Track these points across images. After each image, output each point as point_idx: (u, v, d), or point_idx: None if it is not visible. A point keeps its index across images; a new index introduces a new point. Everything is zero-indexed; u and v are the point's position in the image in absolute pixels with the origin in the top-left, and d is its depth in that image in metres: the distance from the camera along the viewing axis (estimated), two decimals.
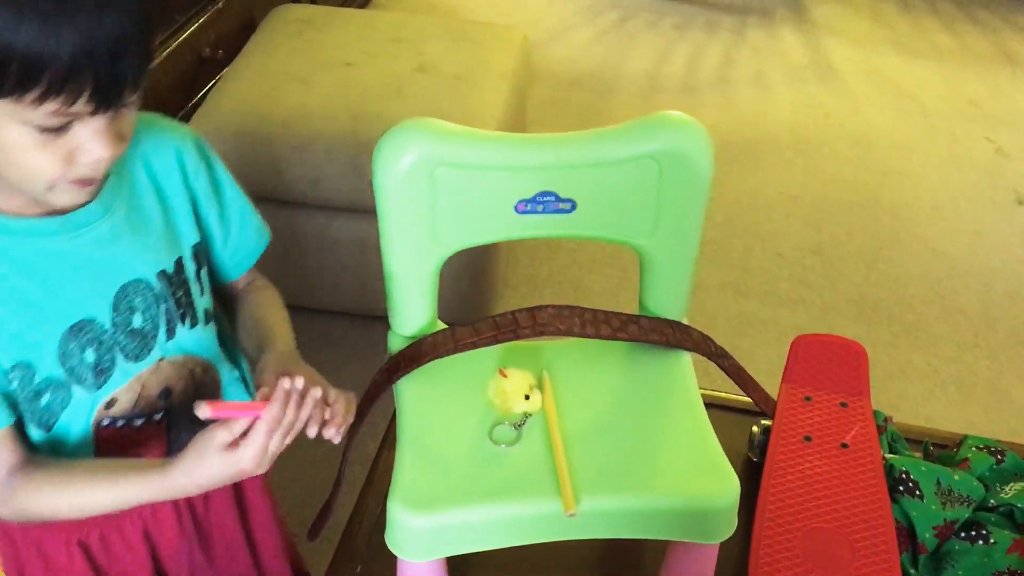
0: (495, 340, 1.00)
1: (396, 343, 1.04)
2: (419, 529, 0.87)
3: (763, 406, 1.22)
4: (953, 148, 2.63)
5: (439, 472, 0.91)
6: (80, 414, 0.89)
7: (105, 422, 0.91)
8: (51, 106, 0.71)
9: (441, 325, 1.06)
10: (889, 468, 1.14)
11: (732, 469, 0.93)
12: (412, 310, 1.03)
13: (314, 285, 2.00)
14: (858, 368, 1.24)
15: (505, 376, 0.97)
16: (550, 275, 2.15)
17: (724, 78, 2.91)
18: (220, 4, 2.01)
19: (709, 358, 1.09)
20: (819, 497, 1.07)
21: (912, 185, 2.51)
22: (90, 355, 0.87)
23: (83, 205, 0.84)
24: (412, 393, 0.99)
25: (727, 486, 0.91)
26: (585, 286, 2.08)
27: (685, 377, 1.02)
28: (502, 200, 0.96)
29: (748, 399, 1.18)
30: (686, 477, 0.91)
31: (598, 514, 0.89)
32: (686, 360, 1.05)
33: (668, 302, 1.06)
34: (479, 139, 0.94)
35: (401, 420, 0.97)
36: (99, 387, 0.89)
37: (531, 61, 2.85)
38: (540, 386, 0.98)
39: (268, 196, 1.89)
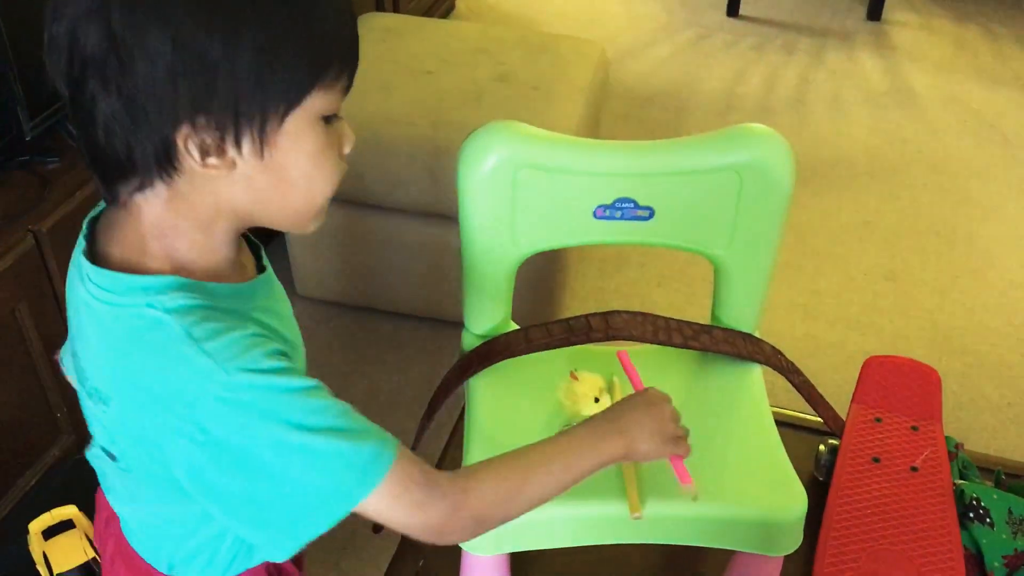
0: (567, 342, 1.01)
1: (470, 341, 1.06)
2: None
3: (832, 425, 1.21)
4: None
5: None
6: None
7: None
8: (344, 79, 0.71)
9: (514, 326, 1.08)
10: (959, 494, 1.13)
11: (800, 484, 0.93)
12: (487, 309, 1.05)
13: (385, 286, 2.03)
14: (931, 392, 1.23)
15: (576, 378, 0.98)
16: (617, 288, 2.15)
17: (800, 100, 2.89)
18: None
19: (780, 372, 1.09)
20: (886, 519, 1.06)
21: (990, 215, 2.47)
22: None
23: None
24: (483, 390, 1.01)
25: (795, 500, 0.91)
26: (652, 300, 2.09)
27: (755, 390, 1.03)
28: (581, 204, 0.97)
29: (815, 417, 1.18)
30: (754, 488, 0.91)
31: (663, 519, 0.90)
32: (757, 373, 1.05)
33: (741, 314, 1.06)
34: (562, 143, 0.96)
35: (471, 415, 0.99)
36: None
37: (608, 76, 2.87)
38: (610, 390, 0.99)
39: (347, 199, 1.93)
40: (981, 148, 2.71)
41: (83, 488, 1.34)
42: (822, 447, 1.24)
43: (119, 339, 0.70)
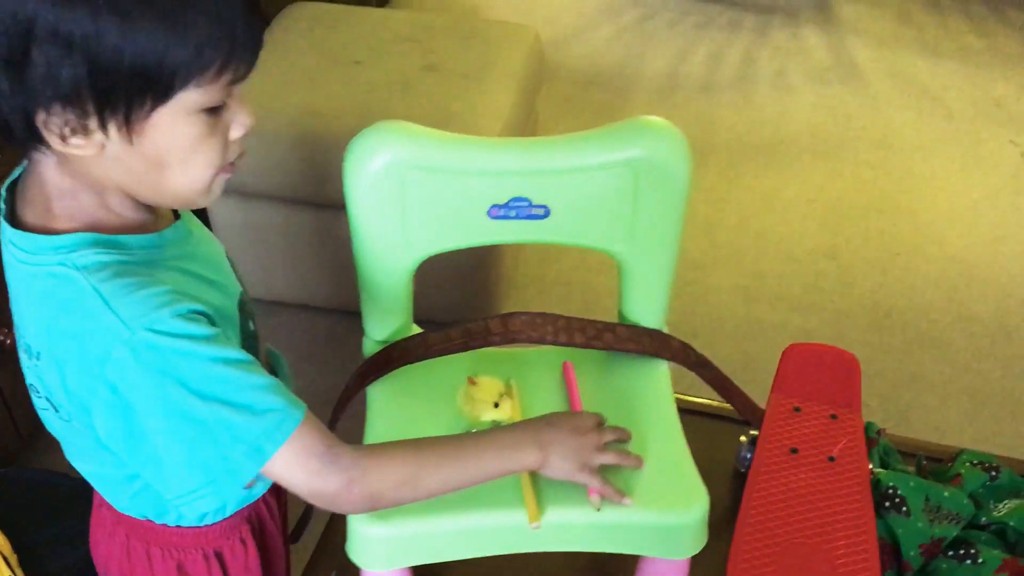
0: (467, 346, 0.99)
1: (370, 348, 1.04)
2: (378, 539, 0.87)
3: (749, 416, 1.20)
4: (977, 151, 2.58)
5: None
6: None
7: None
8: (227, 76, 0.70)
9: (417, 330, 1.05)
10: (876, 483, 1.12)
11: (702, 484, 0.91)
12: (386, 314, 1.02)
13: (322, 282, 2.00)
14: (850, 379, 1.21)
15: (474, 383, 0.96)
16: (558, 276, 2.13)
17: (744, 77, 2.87)
18: None
19: (689, 368, 1.07)
20: (803, 511, 1.05)
21: (932, 189, 2.47)
22: (251, 325, 0.87)
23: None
24: (382, 399, 0.98)
25: (696, 501, 0.89)
26: (594, 287, 2.07)
27: (661, 387, 1.01)
28: (475, 205, 0.94)
29: (750, 402, 1.17)
30: (654, 491, 0.89)
31: (563, 527, 0.88)
32: (663, 370, 1.03)
33: (647, 310, 1.04)
34: (451, 143, 0.93)
35: (369, 425, 0.96)
36: (258, 359, 0.85)
37: (547, 59, 2.83)
38: (509, 394, 0.97)
39: (272, 194, 1.89)
40: (924, 122, 2.71)
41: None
42: (743, 438, 1.22)
43: (38, 298, 0.72)
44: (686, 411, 1.29)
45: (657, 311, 1.05)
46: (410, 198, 0.93)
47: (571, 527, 0.89)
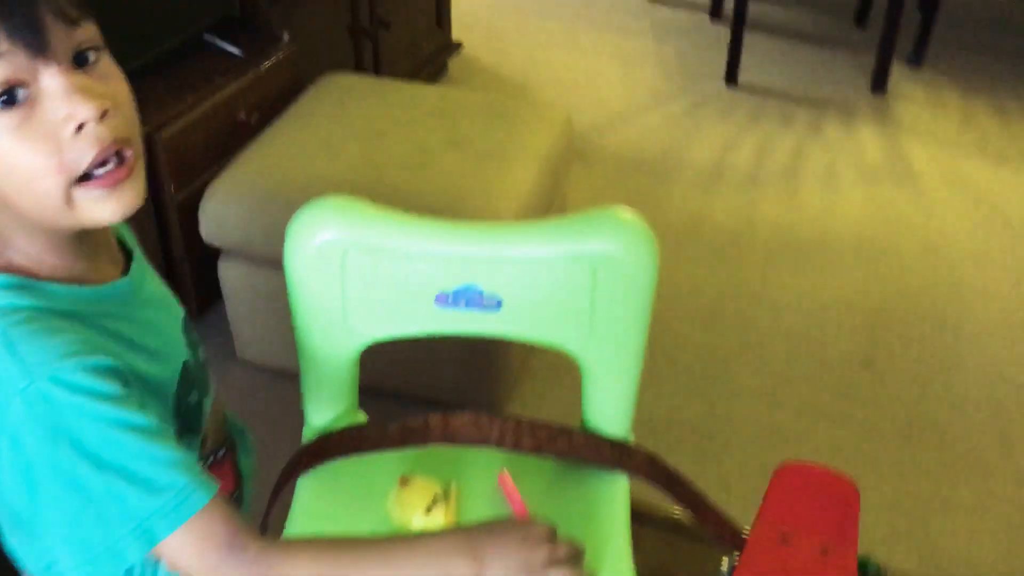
0: (403, 443, 0.91)
1: (309, 435, 0.97)
2: None
3: (730, 541, 1.10)
4: None
5: None
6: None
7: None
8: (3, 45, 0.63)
9: (362, 416, 0.99)
10: None
11: None
12: (326, 401, 0.96)
13: None
14: (847, 510, 1.10)
15: (406, 485, 0.88)
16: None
17: (792, 172, 2.78)
18: (261, 70, 2.02)
19: (655, 485, 0.98)
20: None
21: (984, 301, 2.33)
22: (193, 396, 0.82)
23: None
24: (308, 493, 0.92)
25: None
26: None
27: (615, 506, 0.92)
28: (420, 291, 0.88)
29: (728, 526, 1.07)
30: None
31: None
32: (622, 485, 0.94)
33: (609, 417, 0.96)
34: (396, 223, 0.87)
35: (289, 524, 0.89)
36: (198, 431, 0.83)
37: (588, 144, 2.79)
38: (447, 498, 0.89)
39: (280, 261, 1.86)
40: (980, 230, 2.58)
41: None
42: (724, 562, 1.12)
43: None
44: (663, 524, 1.19)
45: (621, 418, 0.96)
46: (352, 279, 0.88)
47: None
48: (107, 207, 0.71)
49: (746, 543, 1.06)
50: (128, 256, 0.81)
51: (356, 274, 0.88)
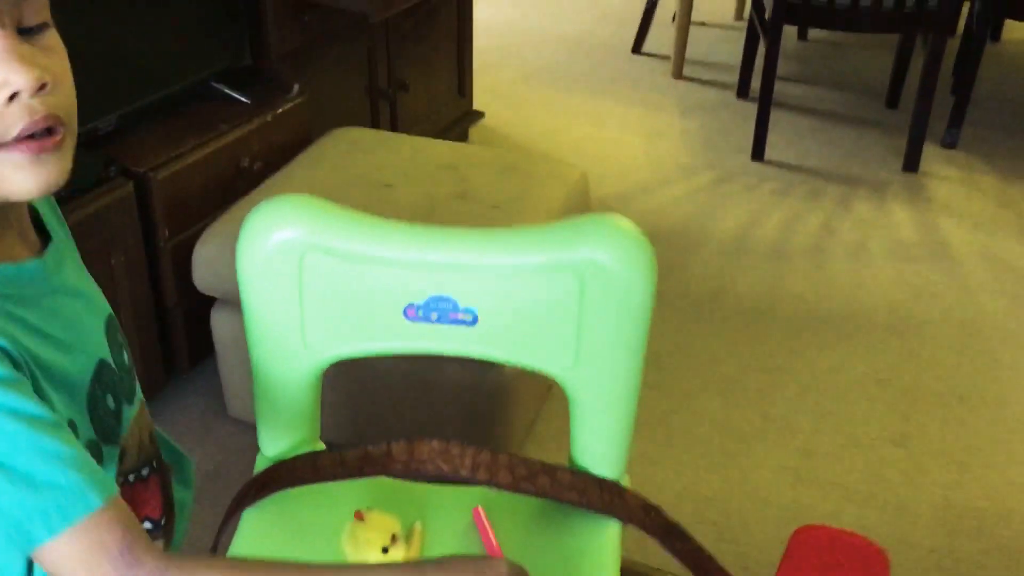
0: (361, 472, 0.81)
1: (262, 466, 0.87)
2: None
3: None
4: None
5: None
6: (109, 475, 0.74)
7: (119, 480, 0.77)
8: None
9: (322, 447, 0.88)
10: None
11: None
12: (282, 427, 0.85)
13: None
14: None
15: (362, 520, 0.77)
16: None
17: (820, 246, 2.68)
18: (268, 119, 1.97)
19: (649, 533, 0.86)
20: None
21: (1023, 383, 2.19)
22: (110, 401, 0.74)
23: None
24: (253, 527, 0.81)
25: None
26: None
27: (605, 556, 0.80)
28: (387, 302, 0.79)
29: None
30: None
31: None
32: (613, 532, 0.83)
33: (600, 456, 0.84)
34: (361, 224, 0.78)
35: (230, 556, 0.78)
36: (116, 440, 0.74)
37: (597, 208, 2.71)
38: (408, 538, 0.78)
39: None
40: (1019, 310, 2.45)
41: None
42: None
43: None
44: None
45: (613, 457, 0.85)
46: (311, 287, 0.78)
47: None
48: (25, 177, 0.64)
49: None
50: (47, 240, 0.72)
51: (316, 281, 0.78)
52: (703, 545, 0.90)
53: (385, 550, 0.77)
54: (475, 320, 0.79)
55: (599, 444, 0.84)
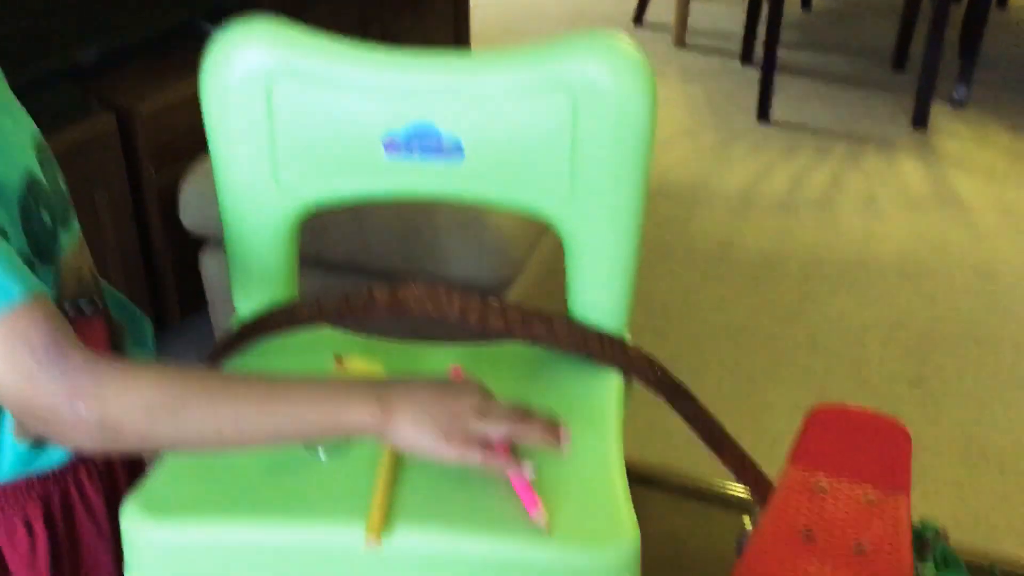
0: (341, 317, 0.75)
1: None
2: (153, 542, 0.61)
3: (751, 486, 0.91)
4: None
5: (208, 476, 0.65)
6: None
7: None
8: None
9: None
10: None
11: (633, 519, 0.63)
12: (257, 284, 0.80)
13: None
14: (897, 455, 0.91)
15: (341, 364, 0.71)
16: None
17: (830, 200, 2.62)
18: None
19: (652, 388, 0.80)
20: None
21: None
22: (47, 218, 0.69)
23: None
24: None
25: (616, 536, 0.61)
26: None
27: (605, 399, 0.74)
28: (365, 134, 0.73)
29: (745, 491, 0.88)
30: (555, 520, 0.62)
31: (415, 556, 0.61)
32: (614, 382, 0.77)
33: (600, 304, 0.78)
34: (334, 47, 0.73)
35: None
36: (51, 260, 0.69)
37: None
38: None
39: None
40: None
41: None
42: (746, 519, 0.93)
43: None
44: (672, 487, 1.01)
45: (613, 308, 0.79)
46: (282, 120, 0.73)
47: (428, 558, 0.61)
48: None
49: (774, 490, 0.87)
50: None
51: (287, 113, 0.73)
52: (711, 414, 0.84)
53: None
54: (460, 153, 0.73)
55: (598, 293, 0.78)
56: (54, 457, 0.69)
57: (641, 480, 1.03)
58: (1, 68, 0.70)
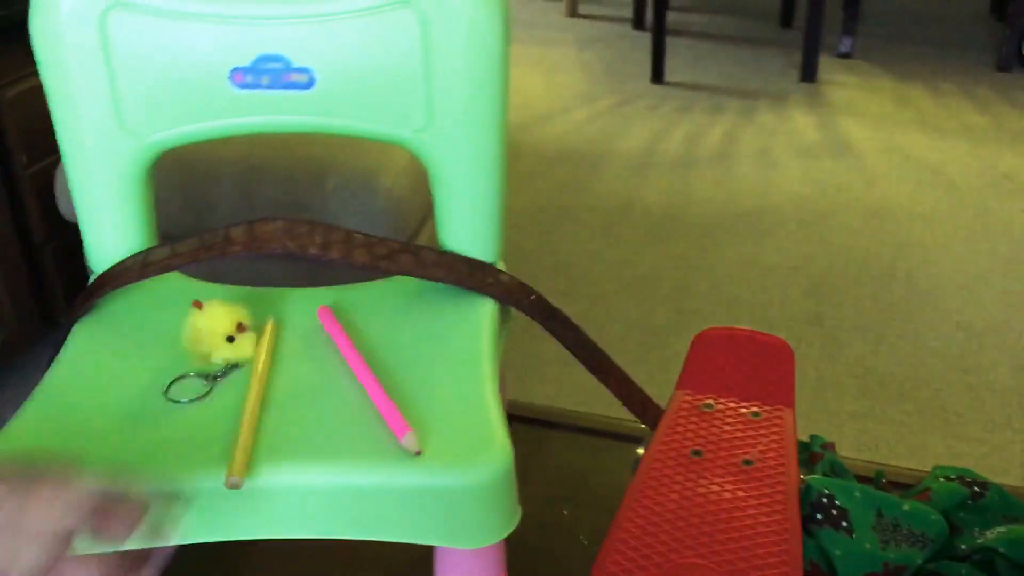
0: (196, 259, 0.72)
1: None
2: None
3: (639, 411, 0.90)
4: (985, 221, 2.31)
5: (62, 429, 0.62)
6: None
7: None
8: None
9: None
10: (806, 491, 0.81)
11: (505, 437, 0.62)
12: (108, 234, 0.76)
13: None
14: (780, 370, 0.92)
15: (201, 308, 0.69)
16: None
17: (725, 154, 2.65)
18: None
19: (529, 315, 0.79)
20: (699, 525, 0.75)
21: (934, 257, 2.18)
22: None
23: None
24: (82, 338, 0.72)
25: (487, 454, 0.60)
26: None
27: (476, 327, 0.73)
28: (211, 67, 0.70)
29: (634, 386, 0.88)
30: (426, 443, 0.60)
31: (283, 492, 0.59)
32: (488, 308, 0.75)
33: (468, 236, 0.77)
34: None
35: (52, 370, 0.69)
36: None
37: (512, 142, 2.65)
38: (260, 333, 0.70)
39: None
40: (924, 193, 2.46)
41: None
42: (639, 451, 0.93)
43: None
44: (572, 428, 1.01)
45: (483, 236, 0.77)
46: (120, 56, 0.69)
47: (294, 493, 0.59)
48: None
49: (663, 414, 0.87)
50: None
51: (124, 47, 0.70)
52: (591, 339, 0.84)
53: (231, 339, 0.68)
54: (311, 82, 0.71)
55: (465, 222, 0.76)
56: None
57: (542, 423, 1.03)
58: None
